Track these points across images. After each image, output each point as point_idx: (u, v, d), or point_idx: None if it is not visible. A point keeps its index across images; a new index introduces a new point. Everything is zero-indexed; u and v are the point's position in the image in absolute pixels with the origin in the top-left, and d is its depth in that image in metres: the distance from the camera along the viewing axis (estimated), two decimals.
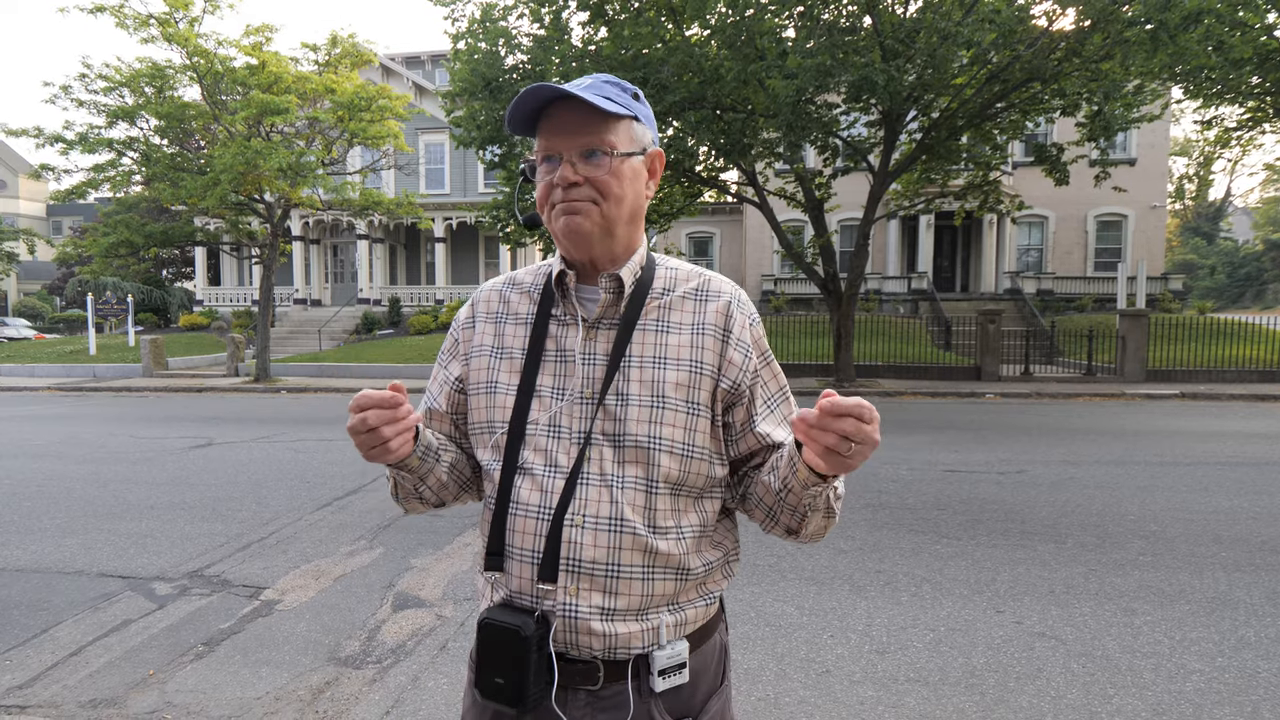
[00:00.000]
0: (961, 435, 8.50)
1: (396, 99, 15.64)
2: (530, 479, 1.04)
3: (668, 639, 1.03)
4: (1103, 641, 3.16)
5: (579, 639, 1.00)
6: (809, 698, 2.74)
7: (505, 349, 1.11)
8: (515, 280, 1.18)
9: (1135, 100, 12.08)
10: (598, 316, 1.07)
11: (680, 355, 1.05)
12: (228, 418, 10.55)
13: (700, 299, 1.10)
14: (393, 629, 3.37)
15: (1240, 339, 15.61)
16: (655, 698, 1.02)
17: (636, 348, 1.05)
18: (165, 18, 13.73)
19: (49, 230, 44.88)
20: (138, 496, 5.77)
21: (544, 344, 1.08)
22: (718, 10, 11.61)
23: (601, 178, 1.03)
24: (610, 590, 1.01)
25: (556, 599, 1.01)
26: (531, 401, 1.06)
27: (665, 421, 1.02)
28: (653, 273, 1.11)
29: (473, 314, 1.18)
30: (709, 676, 1.09)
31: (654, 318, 1.07)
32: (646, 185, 1.10)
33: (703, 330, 1.07)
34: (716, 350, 1.07)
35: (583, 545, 1.00)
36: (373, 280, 24.84)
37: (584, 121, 1.02)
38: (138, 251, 16.73)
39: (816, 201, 14.24)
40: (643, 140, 1.08)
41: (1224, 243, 54.42)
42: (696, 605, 1.07)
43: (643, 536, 1.01)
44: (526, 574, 1.03)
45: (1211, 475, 6.22)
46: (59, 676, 2.95)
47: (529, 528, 1.03)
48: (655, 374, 1.04)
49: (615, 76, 1.09)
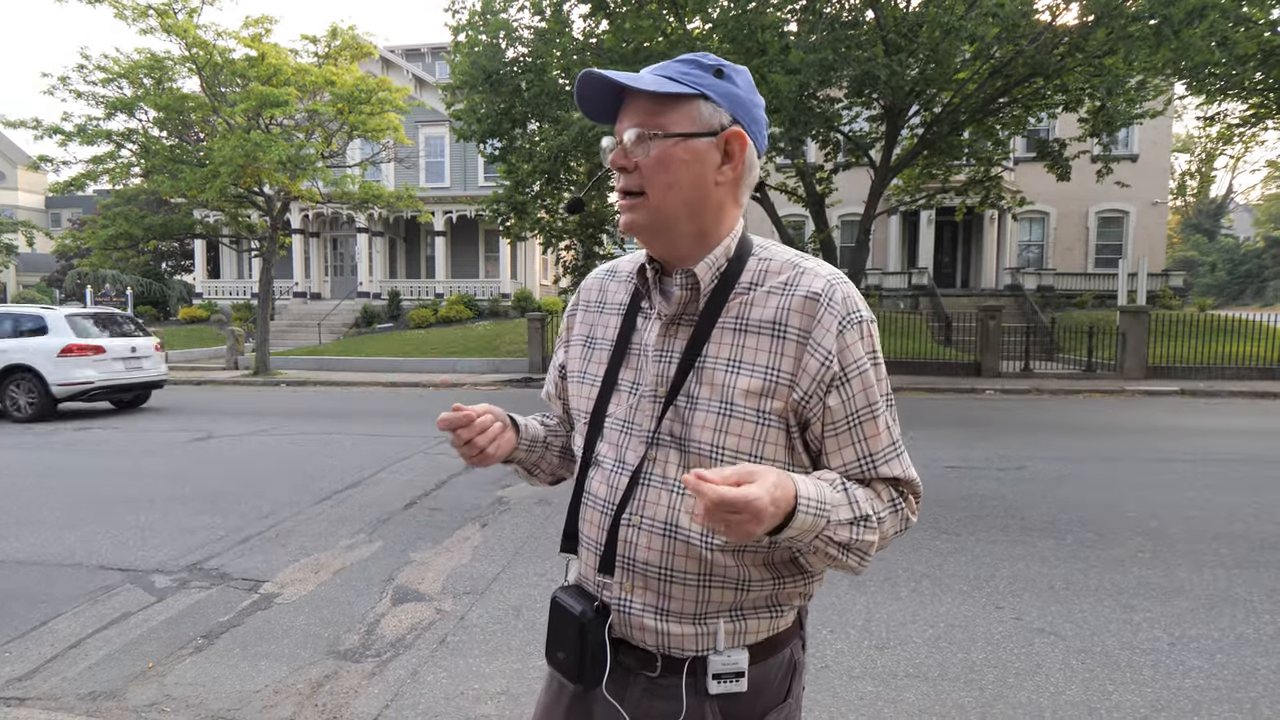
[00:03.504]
0: (961, 431, 8.50)
1: (396, 91, 15.59)
2: (601, 472, 1.06)
3: (725, 646, 1.00)
4: (1102, 638, 3.16)
5: (633, 633, 1.02)
6: (808, 693, 2.73)
7: (596, 339, 1.12)
8: (616, 269, 1.17)
9: (1138, 96, 12.05)
10: (676, 313, 1.02)
11: (757, 360, 0.97)
12: (227, 411, 10.54)
13: (788, 294, 0.98)
14: (392, 623, 3.36)
15: (1240, 336, 15.60)
16: (710, 699, 1.00)
17: (714, 347, 0.99)
18: (164, 9, 13.67)
19: (48, 222, 44.79)
20: (137, 489, 5.77)
21: (629, 337, 1.08)
22: (719, 4, 11.56)
23: (645, 163, 0.97)
24: (663, 593, 1.00)
25: (613, 592, 1.03)
26: (611, 395, 1.07)
27: (731, 430, 0.96)
28: (743, 264, 1.02)
29: (576, 302, 1.20)
30: (772, 691, 1.04)
31: (735, 314, 0.99)
32: (719, 170, 0.98)
33: (784, 332, 0.97)
34: (794, 355, 0.96)
35: (637, 546, 1.01)
36: (372, 274, 24.80)
37: (639, 104, 0.98)
38: (137, 244, 16.71)
39: (818, 196, 14.21)
40: (713, 121, 0.97)
41: (1225, 240, 54.35)
42: (762, 617, 1.02)
43: (696, 546, 0.97)
44: (591, 562, 1.06)
45: (1211, 472, 6.22)
46: (58, 669, 2.94)
47: (594, 519, 1.05)
48: (727, 378, 0.97)
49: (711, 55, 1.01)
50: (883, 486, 1.00)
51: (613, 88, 0.98)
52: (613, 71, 0.96)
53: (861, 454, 0.98)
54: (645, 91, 0.96)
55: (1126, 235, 23.90)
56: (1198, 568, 3.98)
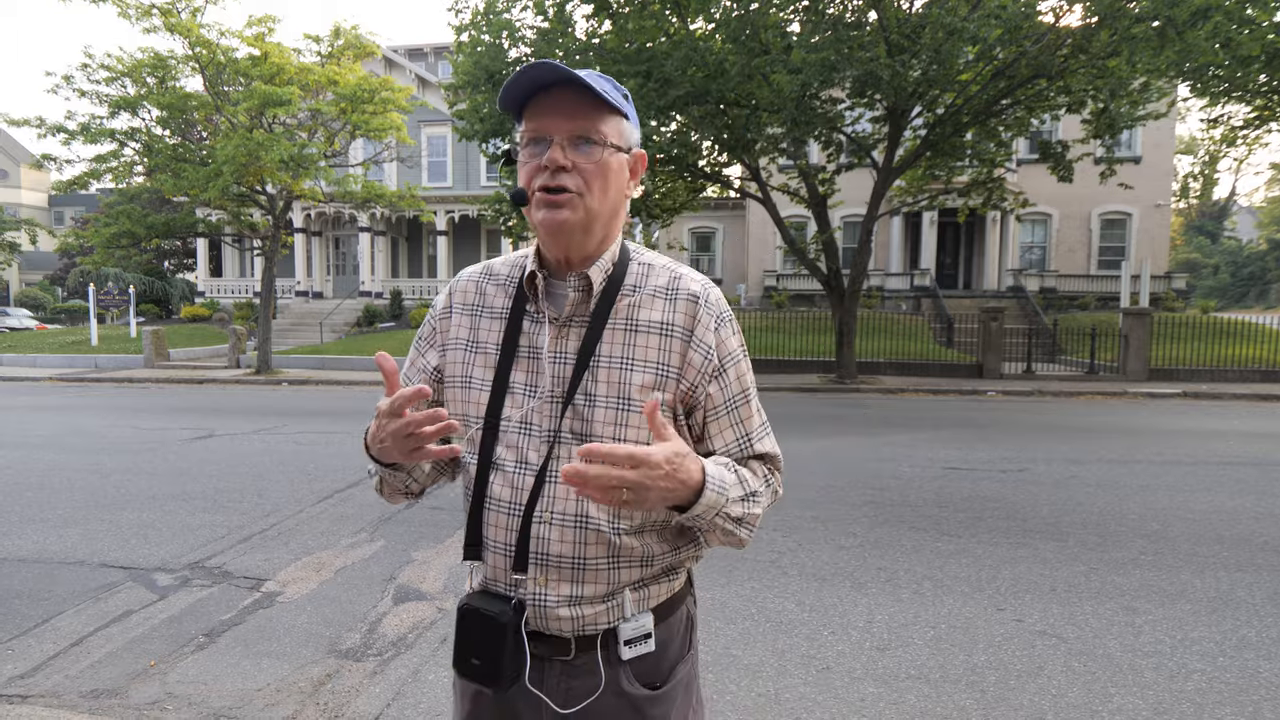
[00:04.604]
0: (963, 433, 8.50)
1: (399, 91, 15.59)
2: (502, 475, 1.07)
3: (632, 613, 1.08)
4: (1104, 640, 3.16)
5: (549, 623, 1.06)
6: (809, 694, 2.74)
7: (480, 343, 1.12)
8: (491, 271, 1.17)
9: (1141, 98, 12.02)
10: (568, 315, 1.07)
11: (648, 357, 1.05)
12: (229, 409, 10.56)
13: (670, 298, 1.08)
14: (394, 621, 3.37)
15: (1243, 338, 15.58)
16: (624, 665, 1.07)
17: (605, 347, 1.06)
18: (167, 8, 13.69)
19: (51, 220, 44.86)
20: (139, 487, 5.77)
21: (517, 340, 1.09)
22: (722, 4, 11.55)
23: (590, 167, 1.01)
24: (576, 580, 1.05)
25: (528, 589, 1.06)
26: (505, 398, 1.08)
27: (630, 424, 1.04)
28: (625, 269, 1.10)
29: (449, 304, 1.17)
30: (676, 645, 1.13)
31: (624, 316, 1.07)
32: (628, 186, 1.09)
33: (670, 331, 1.06)
34: (680, 352, 1.06)
35: (550, 541, 1.05)
36: (374, 273, 24.83)
37: (579, 107, 1.01)
38: (139, 242, 16.71)
39: (820, 197, 14.20)
40: (630, 139, 1.07)
41: (1228, 242, 54.25)
42: (661, 582, 1.11)
43: (606, 533, 1.04)
44: (501, 564, 1.08)
45: (1213, 475, 6.21)
46: (60, 666, 2.95)
47: (501, 522, 1.07)
48: (621, 375, 1.04)
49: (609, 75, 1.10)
50: (757, 464, 1.11)
51: (536, 86, 1.00)
52: (573, 69, 0.99)
53: (740, 434, 1.10)
54: (599, 100, 1.00)
55: (1129, 237, 23.86)
56: (1200, 570, 3.97)
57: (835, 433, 8.48)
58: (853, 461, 6.79)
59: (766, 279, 24.71)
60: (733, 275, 26.48)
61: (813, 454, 7.16)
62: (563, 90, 1.01)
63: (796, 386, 13.29)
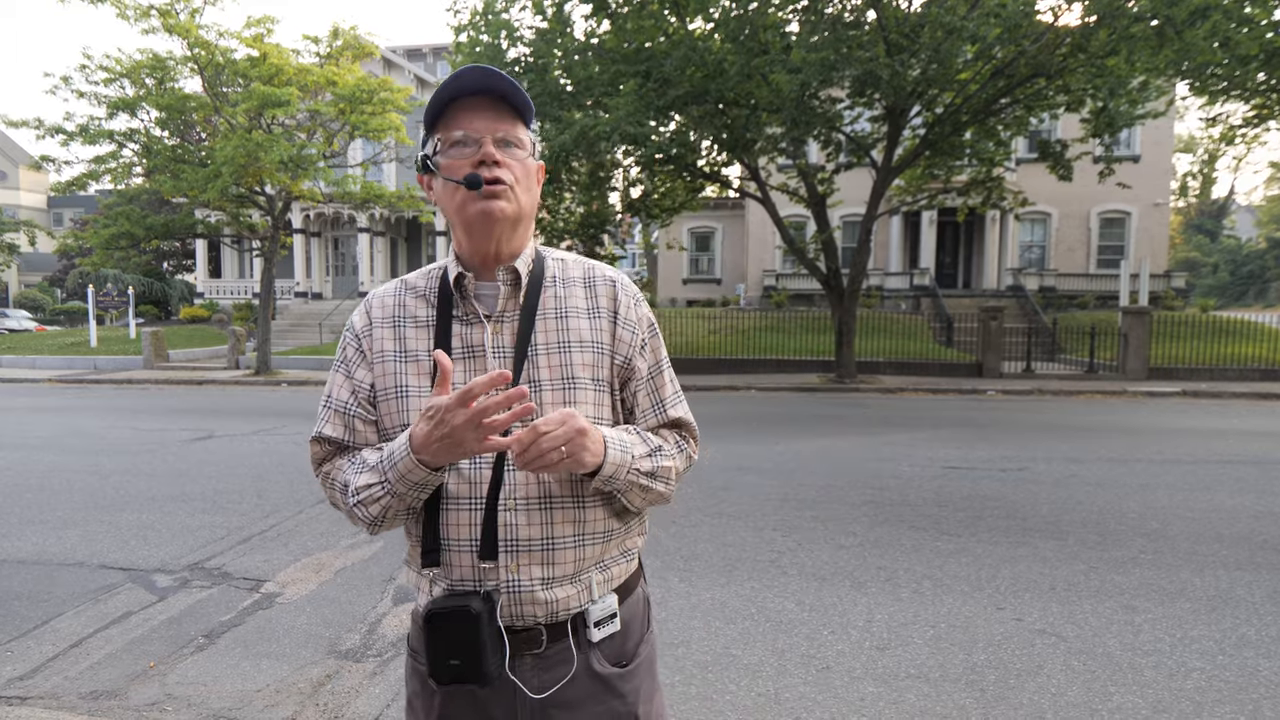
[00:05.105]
0: (963, 432, 8.50)
1: (398, 92, 15.58)
2: (456, 474, 1.08)
3: (599, 594, 1.13)
4: (1103, 639, 3.16)
5: (524, 609, 1.08)
6: (809, 693, 2.74)
7: (410, 352, 1.13)
8: (408, 284, 1.20)
9: (1140, 97, 12.02)
10: (500, 310, 1.12)
11: (584, 338, 1.13)
12: (229, 410, 10.55)
13: (589, 285, 1.18)
14: (393, 622, 3.37)
15: (1243, 337, 15.58)
16: (594, 648, 1.12)
17: (541, 335, 1.12)
18: (166, 9, 13.67)
19: (50, 222, 44.84)
20: (139, 488, 5.77)
21: (450, 344, 1.11)
22: (721, 4, 11.56)
23: (517, 166, 1.10)
24: (548, 561, 1.09)
25: (499, 577, 1.07)
26: None
27: (578, 400, 1.10)
28: (543, 264, 1.18)
29: (368, 322, 1.17)
30: (638, 624, 1.20)
31: (551, 306, 1.14)
32: (538, 187, 1.17)
33: (597, 313, 1.16)
34: (610, 330, 1.16)
35: (519, 526, 1.07)
36: (374, 273, 24.82)
37: (501, 113, 1.09)
38: (138, 243, 16.72)
39: (819, 197, 14.20)
40: (535, 146, 1.16)
41: (1227, 241, 54.26)
42: (620, 562, 1.17)
43: (571, 509, 1.09)
44: (466, 562, 1.08)
45: (1213, 473, 6.22)
46: (60, 668, 2.95)
47: (463, 519, 1.08)
48: (563, 358, 1.11)
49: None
50: (668, 431, 1.20)
51: (473, 90, 1.07)
52: (503, 76, 1.07)
53: (655, 401, 1.20)
54: (514, 108, 1.10)
55: (1128, 236, 23.86)
56: (1200, 569, 3.97)
57: (835, 432, 8.48)
58: (852, 461, 6.79)
59: (766, 278, 24.70)
60: (732, 275, 26.48)
61: (812, 454, 7.16)
62: (487, 96, 1.08)
63: (796, 386, 13.29)
